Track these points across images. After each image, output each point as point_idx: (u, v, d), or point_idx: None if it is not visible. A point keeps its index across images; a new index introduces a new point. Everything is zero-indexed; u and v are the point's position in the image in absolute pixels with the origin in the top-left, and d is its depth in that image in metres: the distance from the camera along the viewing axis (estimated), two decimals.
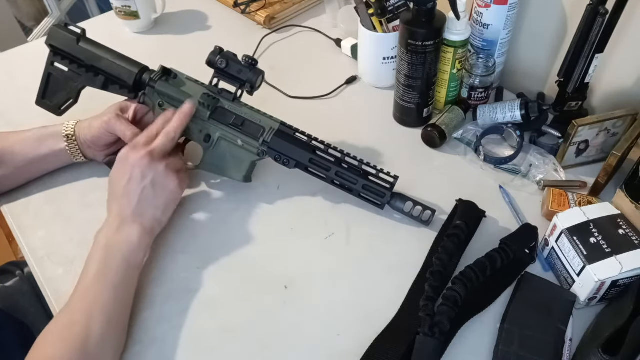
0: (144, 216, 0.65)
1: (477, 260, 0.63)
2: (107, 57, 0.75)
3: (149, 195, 0.66)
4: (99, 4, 2.24)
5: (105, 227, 0.64)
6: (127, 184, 0.65)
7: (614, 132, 0.76)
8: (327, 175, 0.72)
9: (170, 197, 0.68)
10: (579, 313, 0.62)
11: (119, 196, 0.65)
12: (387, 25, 0.87)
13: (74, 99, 0.79)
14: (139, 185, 0.65)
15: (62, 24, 0.77)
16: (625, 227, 0.62)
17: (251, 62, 0.71)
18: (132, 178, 0.65)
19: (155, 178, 0.66)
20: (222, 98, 0.73)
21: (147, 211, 0.65)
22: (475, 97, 0.85)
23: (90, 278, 0.60)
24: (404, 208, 0.71)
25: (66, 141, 0.74)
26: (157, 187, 0.66)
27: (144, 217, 0.65)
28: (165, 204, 0.67)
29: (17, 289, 0.82)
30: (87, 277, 0.60)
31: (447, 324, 0.57)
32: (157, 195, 0.66)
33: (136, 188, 0.65)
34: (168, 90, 0.73)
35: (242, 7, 1.10)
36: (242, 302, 0.65)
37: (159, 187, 0.66)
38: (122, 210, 0.65)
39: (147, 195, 0.65)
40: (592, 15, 0.70)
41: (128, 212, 0.64)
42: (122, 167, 0.66)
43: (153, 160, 0.66)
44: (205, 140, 0.74)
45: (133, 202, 0.65)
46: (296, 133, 0.73)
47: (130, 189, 0.65)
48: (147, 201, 0.65)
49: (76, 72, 0.76)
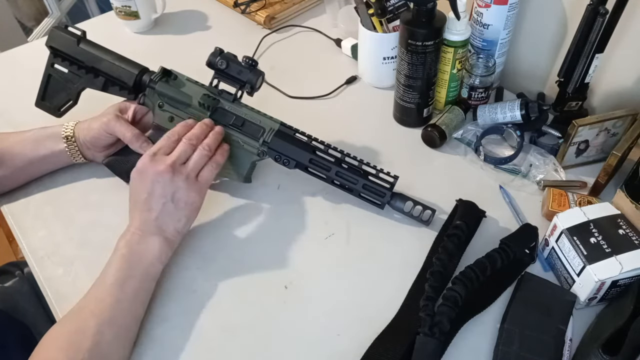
0: (166, 230, 0.64)
1: (477, 260, 0.63)
2: (107, 58, 0.75)
3: (170, 210, 0.64)
4: (99, 4, 2.24)
5: (127, 235, 0.63)
6: (148, 198, 0.63)
7: (614, 132, 0.76)
8: (327, 175, 0.72)
9: (193, 209, 0.66)
10: (579, 313, 0.62)
11: (140, 208, 0.64)
12: (387, 25, 0.87)
13: (74, 100, 0.79)
14: (159, 201, 0.63)
15: (62, 25, 0.77)
16: (625, 227, 0.62)
17: (251, 63, 0.71)
18: (153, 194, 0.63)
19: (175, 194, 0.64)
20: (222, 99, 0.73)
21: (168, 225, 0.64)
22: (475, 97, 0.85)
23: (107, 285, 0.59)
24: (404, 208, 0.71)
25: (65, 142, 0.74)
26: (179, 201, 0.64)
27: (165, 231, 0.64)
28: (187, 216, 0.66)
29: (17, 289, 0.82)
30: (104, 284, 0.59)
31: (447, 324, 0.57)
32: (179, 209, 0.65)
33: (157, 203, 0.63)
34: (168, 91, 0.73)
35: (242, 7, 1.10)
36: (242, 302, 0.65)
37: (181, 201, 0.65)
38: (144, 223, 0.63)
39: (169, 210, 0.64)
40: (592, 15, 0.70)
41: (150, 226, 0.63)
42: (142, 179, 0.64)
43: (174, 174, 0.64)
44: None
45: (154, 216, 0.63)
46: (296, 133, 0.73)
47: (151, 204, 0.63)
48: (168, 215, 0.64)
49: (76, 73, 0.76)
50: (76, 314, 0.58)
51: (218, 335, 0.62)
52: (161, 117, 0.74)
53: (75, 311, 0.58)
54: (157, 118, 0.74)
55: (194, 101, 0.73)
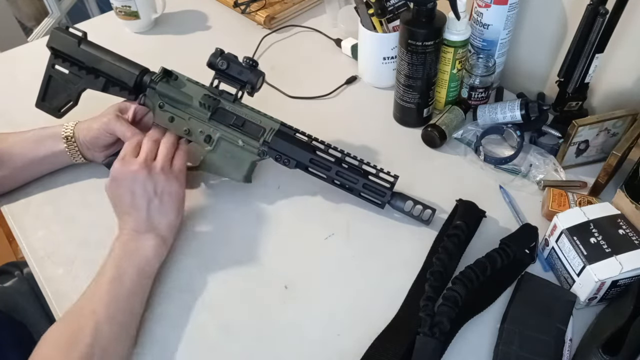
0: (158, 226, 0.65)
1: (477, 260, 0.63)
2: (108, 59, 0.75)
3: (157, 205, 0.65)
4: (99, 4, 2.24)
5: (121, 237, 0.64)
6: (132, 199, 0.64)
7: (614, 132, 0.76)
8: (327, 175, 0.72)
9: (178, 199, 0.67)
10: (579, 313, 0.62)
11: (127, 211, 0.65)
12: (387, 25, 0.87)
13: (74, 101, 0.79)
14: (144, 200, 0.64)
15: (63, 26, 0.77)
16: (625, 227, 0.62)
17: (252, 63, 0.71)
18: (135, 193, 0.64)
19: (157, 188, 0.65)
20: (223, 99, 0.73)
21: (160, 220, 0.65)
22: (475, 97, 0.85)
23: (104, 284, 0.59)
24: (404, 207, 0.71)
25: (65, 142, 0.74)
26: (163, 194, 0.65)
27: (157, 228, 0.65)
28: (175, 208, 0.67)
29: (16, 289, 0.82)
30: (100, 283, 0.60)
31: (447, 324, 0.57)
32: (164, 202, 0.66)
33: (142, 202, 0.64)
34: (169, 91, 0.73)
35: (242, 7, 1.10)
36: (242, 302, 0.65)
37: (165, 194, 0.65)
38: (136, 225, 0.64)
39: (155, 206, 0.65)
40: (592, 15, 0.70)
41: (142, 225, 0.64)
42: (120, 184, 0.65)
43: (149, 171, 0.65)
44: (205, 141, 0.74)
45: (143, 216, 0.64)
46: (296, 133, 0.74)
47: (136, 205, 0.64)
48: (157, 211, 0.65)
49: (77, 74, 0.76)
50: (74, 312, 0.58)
51: (218, 335, 0.62)
52: (161, 118, 0.74)
53: (73, 310, 0.58)
54: (158, 118, 0.74)
55: (194, 101, 0.73)
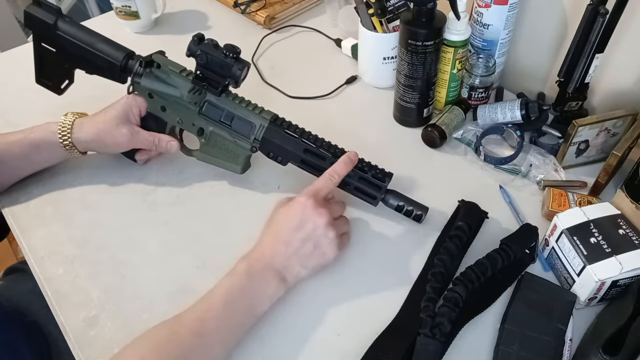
0: (290, 271, 0.63)
1: (478, 260, 0.63)
2: (89, 47, 0.72)
3: (305, 254, 0.63)
4: (99, 4, 2.24)
5: (251, 260, 0.62)
6: (294, 232, 0.63)
7: (614, 132, 0.76)
8: (320, 171, 0.71)
9: (323, 260, 0.65)
10: (579, 313, 0.62)
11: (278, 237, 0.63)
12: (387, 25, 0.87)
13: (70, 79, 0.78)
14: (301, 240, 0.63)
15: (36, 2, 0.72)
16: (626, 227, 0.62)
17: (233, 55, 0.67)
18: (301, 229, 0.63)
19: (320, 242, 0.63)
20: (209, 92, 0.72)
21: (294, 267, 0.63)
22: (475, 97, 0.85)
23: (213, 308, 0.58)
24: (396, 205, 0.71)
25: (61, 139, 0.73)
26: (317, 250, 0.64)
27: (289, 272, 0.63)
28: (313, 267, 0.65)
29: (31, 289, 0.82)
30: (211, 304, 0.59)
31: (447, 325, 0.57)
32: (312, 257, 0.64)
33: (297, 241, 0.63)
34: (153, 85, 0.73)
35: (242, 7, 1.10)
36: None
37: (319, 251, 0.64)
38: (273, 256, 0.62)
39: (304, 253, 0.63)
40: (592, 15, 0.70)
41: (277, 261, 0.62)
42: (297, 213, 0.63)
43: (328, 225, 0.63)
44: (199, 133, 0.74)
45: (288, 253, 0.63)
46: (287, 129, 0.72)
47: (292, 239, 0.63)
48: (300, 257, 0.63)
49: (63, 54, 0.74)
50: (175, 324, 0.57)
51: None
52: (153, 106, 0.75)
53: (174, 322, 0.57)
54: (150, 106, 0.75)
55: (181, 93, 0.72)
